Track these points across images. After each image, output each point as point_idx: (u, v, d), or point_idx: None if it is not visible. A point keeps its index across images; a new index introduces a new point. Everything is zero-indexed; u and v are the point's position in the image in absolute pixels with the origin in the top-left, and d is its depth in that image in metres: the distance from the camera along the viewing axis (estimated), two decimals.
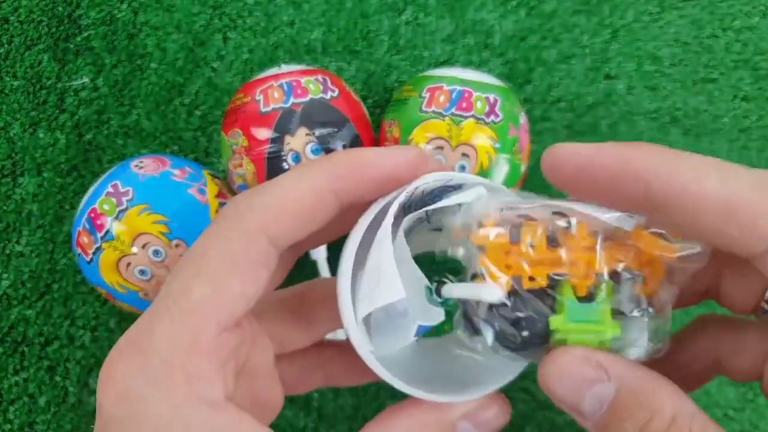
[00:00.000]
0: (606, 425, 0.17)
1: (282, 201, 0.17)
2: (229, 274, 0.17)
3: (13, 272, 0.40)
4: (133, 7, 0.44)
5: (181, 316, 0.16)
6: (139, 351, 0.16)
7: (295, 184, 0.18)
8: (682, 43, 0.43)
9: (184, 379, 0.16)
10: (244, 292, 0.17)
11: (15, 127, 0.43)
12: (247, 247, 0.17)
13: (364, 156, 0.18)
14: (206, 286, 0.17)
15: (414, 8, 0.43)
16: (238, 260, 0.17)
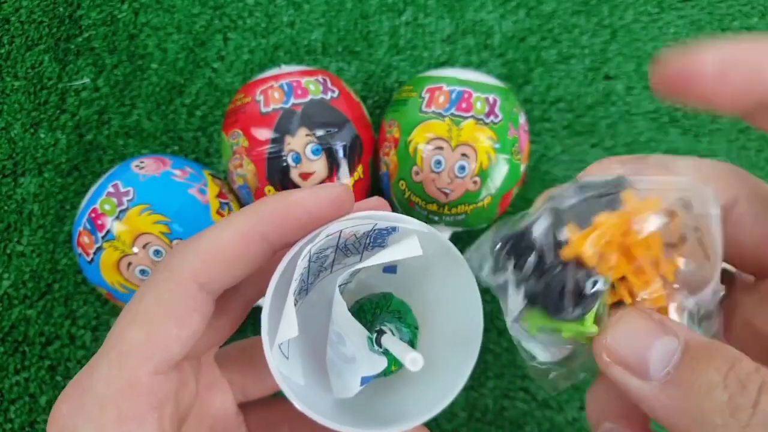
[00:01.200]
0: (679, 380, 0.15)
1: (210, 248, 0.18)
2: (162, 319, 0.18)
3: (14, 272, 0.41)
4: (134, 8, 0.44)
5: (117, 359, 0.17)
6: (79, 392, 0.17)
7: (222, 231, 0.18)
8: (681, 43, 0.43)
9: (117, 418, 0.17)
10: (178, 335, 0.18)
11: (16, 127, 0.43)
12: (179, 294, 0.18)
13: (288, 198, 0.19)
14: (140, 331, 0.18)
15: (414, 9, 0.43)
16: (171, 306, 0.18)
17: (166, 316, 0.18)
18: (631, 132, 0.41)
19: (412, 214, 0.36)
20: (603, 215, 0.16)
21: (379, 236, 0.20)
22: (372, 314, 0.21)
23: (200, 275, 0.18)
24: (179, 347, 0.18)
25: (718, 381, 0.15)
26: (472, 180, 0.33)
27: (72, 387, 0.18)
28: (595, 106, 0.42)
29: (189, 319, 0.18)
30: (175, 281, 0.18)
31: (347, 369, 0.18)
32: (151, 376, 0.17)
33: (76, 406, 0.17)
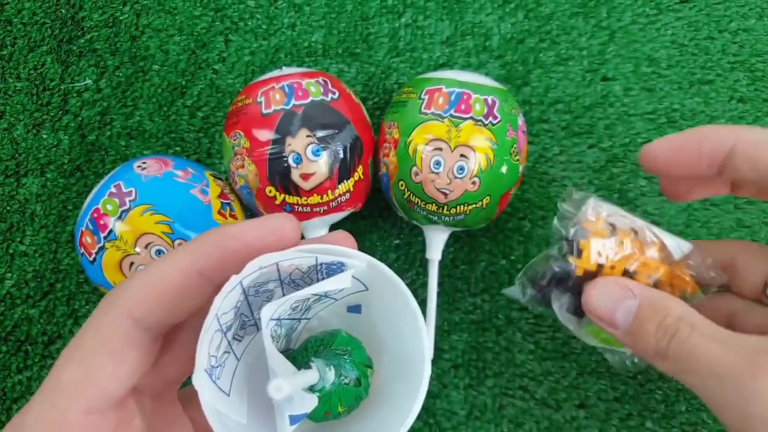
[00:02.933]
0: (634, 330, 0.23)
1: (146, 283, 0.18)
2: (98, 356, 0.17)
3: (16, 272, 0.41)
4: (136, 10, 0.44)
5: (50, 397, 0.17)
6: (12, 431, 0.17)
7: (159, 267, 0.18)
8: (678, 44, 0.43)
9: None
10: (114, 373, 0.17)
11: (18, 128, 0.43)
12: (114, 330, 0.18)
13: (225, 232, 0.18)
14: (76, 368, 0.17)
15: (413, 11, 0.44)
16: (107, 342, 0.17)
17: (102, 353, 0.17)
18: (629, 133, 0.42)
19: (411, 214, 0.36)
20: (582, 242, 0.26)
21: (330, 271, 0.19)
22: (315, 351, 0.20)
23: (136, 311, 0.18)
24: (116, 385, 0.17)
25: (652, 330, 0.23)
26: (471, 180, 0.34)
27: (7, 427, 0.17)
28: (593, 107, 0.42)
29: (125, 356, 0.18)
30: (113, 317, 0.18)
31: (285, 407, 0.18)
32: (83, 416, 0.17)
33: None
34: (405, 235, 0.41)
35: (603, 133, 0.42)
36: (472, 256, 0.40)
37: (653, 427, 0.37)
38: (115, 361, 0.17)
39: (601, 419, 0.38)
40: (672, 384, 0.38)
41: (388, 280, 0.19)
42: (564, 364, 0.38)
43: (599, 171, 0.41)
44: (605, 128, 0.42)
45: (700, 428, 0.37)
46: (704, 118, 0.42)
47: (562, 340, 0.39)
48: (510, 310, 0.39)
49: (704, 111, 0.42)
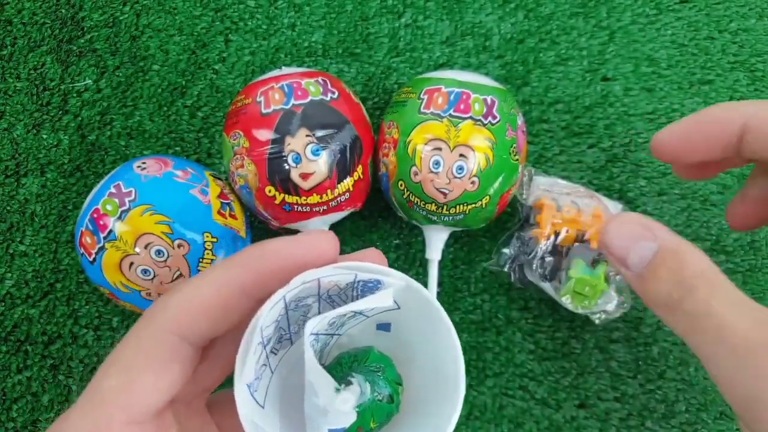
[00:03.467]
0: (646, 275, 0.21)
1: (189, 300, 0.18)
2: (140, 368, 0.18)
3: (16, 272, 0.41)
4: (136, 10, 0.44)
5: (91, 407, 0.17)
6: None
7: (201, 284, 0.18)
8: (678, 44, 0.43)
9: None
10: (156, 385, 0.18)
11: (18, 128, 0.43)
12: (158, 344, 0.18)
13: (265, 247, 0.19)
14: (117, 380, 0.17)
15: (413, 11, 0.44)
16: (150, 356, 0.18)
17: (145, 365, 0.18)
18: (629, 133, 0.42)
19: (411, 214, 0.36)
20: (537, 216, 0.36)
21: (366, 289, 0.19)
22: (349, 367, 0.20)
23: (180, 327, 0.18)
24: (156, 397, 0.18)
25: (666, 279, 0.20)
26: (471, 180, 0.34)
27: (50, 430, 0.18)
28: (593, 107, 0.42)
29: (168, 369, 0.18)
30: (155, 331, 0.18)
31: (323, 422, 0.18)
32: (124, 426, 0.17)
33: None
34: (405, 235, 0.41)
35: (603, 133, 0.42)
36: (472, 256, 0.40)
37: (653, 427, 0.37)
38: (157, 374, 0.18)
39: (601, 419, 0.38)
40: (672, 384, 0.38)
41: (422, 298, 0.19)
42: (564, 364, 0.38)
43: (599, 171, 0.41)
44: (605, 128, 0.42)
45: (699, 428, 0.37)
46: None
47: (561, 340, 0.39)
48: (510, 310, 0.39)
49: None
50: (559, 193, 0.37)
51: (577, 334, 0.39)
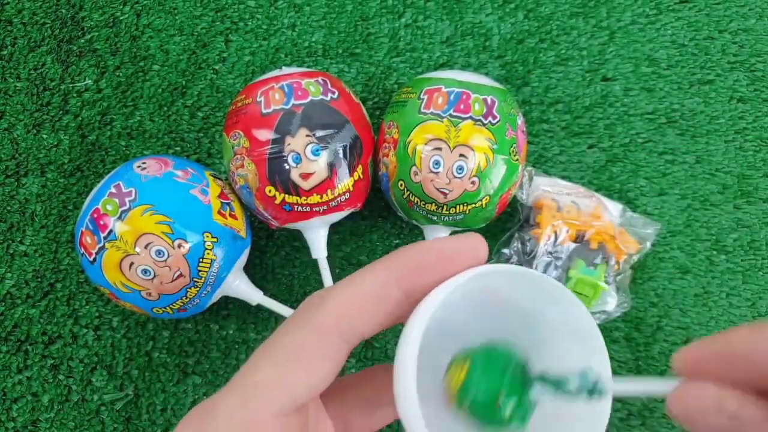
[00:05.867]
0: None
1: (349, 296, 0.18)
2: (295, 363, 0.18)
3: (16, 272, 0.41)
4: (136, 10, 0.44)
5: (243, 395, 0.17)
6: (201, 421, 0.17)
7: (361, 279, 0.19)
8: (678, 44, 0.43)
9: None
10: (308, 381, 0.18)
11: (19, 128, 0.43)
12: (314, 340, 0.18)
13: (423, 244, 0.19)
14: (272, 371, 0.18)
15: (413, 11, 0.44)
16: (306, 351, 0.18)
17: (300, 360, 0.18)
18: (629, 133, 0.42)
19: (411, 214, 0.36)
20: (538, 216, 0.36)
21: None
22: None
23: (339, 325, 0.18)
24: (306, 392, 0.18)
25: None
26: (471, 180, 0.34)
27: (196, 414, 0.18)
28: (593, 107, 0.42)
29: (321, 365, 0.18)
30: (314, 328, 0.18)
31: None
32: (274, 418, 0.17)
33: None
34: (405, 235, 0.41)
35: (603, 133, 0.42)
36: None
37: (654, 427, 0.37)
38: (311, 370, 0.18)
39: None
40: None
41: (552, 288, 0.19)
42: None
43: (599, 171, 0.41)
44: (605, 128, 0.42)
45: None
46: (704, 118, 0.42)
47: None
48: None
49: (704, 111, 0.42)
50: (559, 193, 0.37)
51: None
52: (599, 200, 0.37)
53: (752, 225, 0.40)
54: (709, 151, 0.42)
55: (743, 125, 0.42)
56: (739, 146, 0.42)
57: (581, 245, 0.35)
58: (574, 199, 0.37)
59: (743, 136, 0.42)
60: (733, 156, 0.42)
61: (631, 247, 0.37)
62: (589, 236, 0.35)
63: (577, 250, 0.35)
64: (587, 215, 0.36)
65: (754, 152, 0.42)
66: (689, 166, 0.42)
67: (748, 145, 0.42)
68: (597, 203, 0.37)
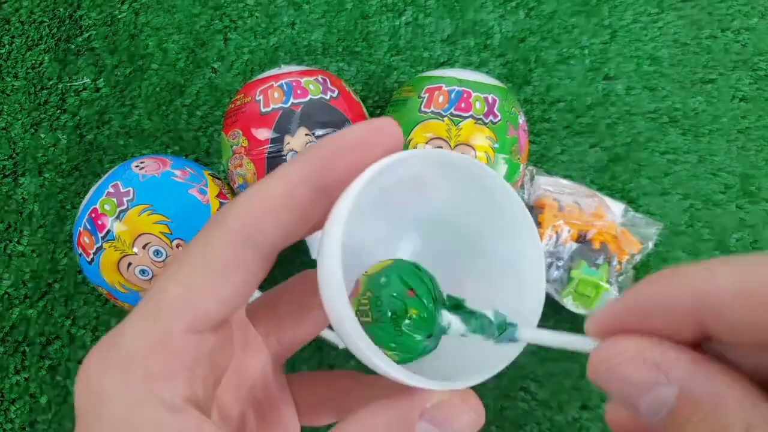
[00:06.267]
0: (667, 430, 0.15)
1: (257, 199, 0.17)
2: (204, 274, 0.17)
3: (14, 272, 0.41)
4: (134, 8, 0.44)
5: (151, 313, 0.16)
6: (109, 347, 0.16)
7: (268, 182, 0.17)
8: (681, 43, 0.43)
9: (143, 377, 0.16)
10: (219, 292, 0.17)
11: (16, 127, 0.43)
12: (222, 248, 0.17)
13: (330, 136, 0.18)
14: (179, 285, 0.16)
15: (414, 9, 0.43)
16: (214, 262, 0.17)
17: (208, 271, 0.17)
18: (631, 132, 0.41)
19: None
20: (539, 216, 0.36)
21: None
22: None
23: (245, 228, 0.17)
24: (218, 305, 0.17)
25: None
26: None
27: (104, 341, 0.17)
28: (595, 106, 0.42)
29: (230, 275, 0.17)
30: (219, 235, 0.17)
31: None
32: (184, 335, 0.16)
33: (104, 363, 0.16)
34: None
35: (605, 132, 0.41)
36: None
37: None
38: (220, 281, 0.17)
39: (604, 420, 0.37)
40: None
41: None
42: (566, 365, 0.38)
43: (601, 170, 0.41)
44: (607, 127, 0.41)
45: None
46: (706, 117, 0.42)
47: None
48: None
49: (706, 110, 0.42)
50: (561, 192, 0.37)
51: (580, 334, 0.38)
52: (601, 200, 0.37)
53: (755, 225, 0.40)
54: (711, 150, 0.42)
55: (746, 124, 0.42)
56: (742, 146, 0.42)
57: (583, 245, 0.35)
58: (575, 199, 0.36)
59: (746, 136, 0.42)
60: (736, 156, 0.42)
61: (633, 247, 0.37)
62: (591, 236, 0.35)
63: (579, 250, 0.35)
64: (589, 215, 0.36)
65: (756, 152, 0.42)
66: (691, 166, 0.41)
67: (750, 144, 0.42)
68: (599, 203, 0.37)
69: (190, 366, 0.16)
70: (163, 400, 0.16)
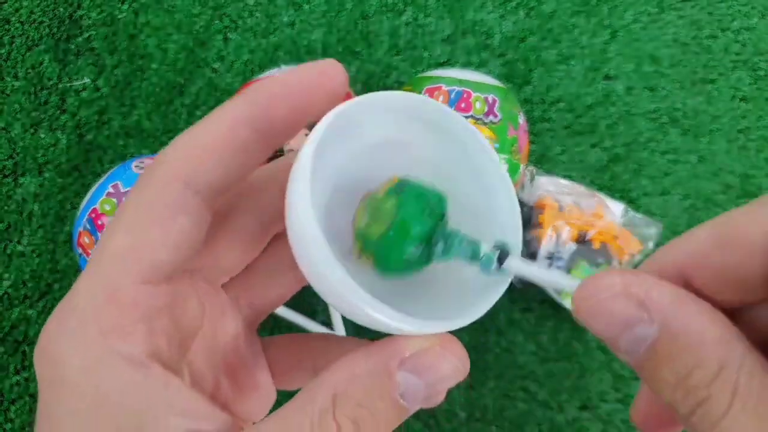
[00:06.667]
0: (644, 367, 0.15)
1: (193, 141, 0.16)
2: (147, 223, 0.16)
3: (14, 272, 0.41)
4: (134, 8, 0.44)
5: (99, 267, 0.16)
6: (63, 310, 0.16)
7: (206, 123, 0.17)
8: (681, 43, 0.43)
9: (98, 332, 0.15)
10: (165, 240, 0.16)
11: (16, 127, 0.43)
12: (162, 194, 0.16)
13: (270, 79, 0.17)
14: (124, 238, 0.16)
15: (414, 9, 0.43)
16: (155, 208, 0.16)
17: (151, 219, 0.16)
18: (631, 132, 0.41)
19: None
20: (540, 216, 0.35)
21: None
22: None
23: (182, 171, 0.16)
24: (167, 253, 0.16)
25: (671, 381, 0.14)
26: None
27: (59, 306, 0.16)
28: (595, 106, 0.42)
29: (175, 221, 0.16)
30: (157, 180, 0.16)
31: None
32: (136, 286, 0.15)
33: (60, 326, 0.15)
34: None
35: (605, 132, 0.41)
36: None
37: None
38: (164, 228, 0.16)
39: (603, 420, 0.37)
40: None
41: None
42: (566, 365, 0.38)
43: (601, 170, 0.41)
44: (607, 127, 0.41)
45: None
46: (706, 117, 0.42)
47: (563, 341, 0.38)
48: (511, 311, 0.39)
49: (706, 110, 0.42)
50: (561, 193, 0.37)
51: (579, 335, 0.38)
52: (601, 200, 0.37)
53: None
54: (711, 150, 0.42)
55: (746, 124, 0.42)
56: (742, 145, 0.42)
57: (583, 246, 0.35)
58: (576, 199, 0.36)
59: (746, 136, 0.42)
60: (736, 155, 0.42)
61: (633, 248, 0.36)
62: (591, 236, 0.35)
63: (579, 250, 0.35)
64: (589, 215, 0.36)
65: (756, 151, 0.42)
66: (692, 166, 0.41)
67: (751, 144, 0.42)
68: (599, 203, 0.37)
69: (146, 318, 0.16)
70: (124, 355, 0.15)
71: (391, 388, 0.15)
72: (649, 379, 0.15)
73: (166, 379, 0.15)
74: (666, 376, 0.14)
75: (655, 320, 0.14)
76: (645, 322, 0.14)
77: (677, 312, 0.14)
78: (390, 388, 0.15)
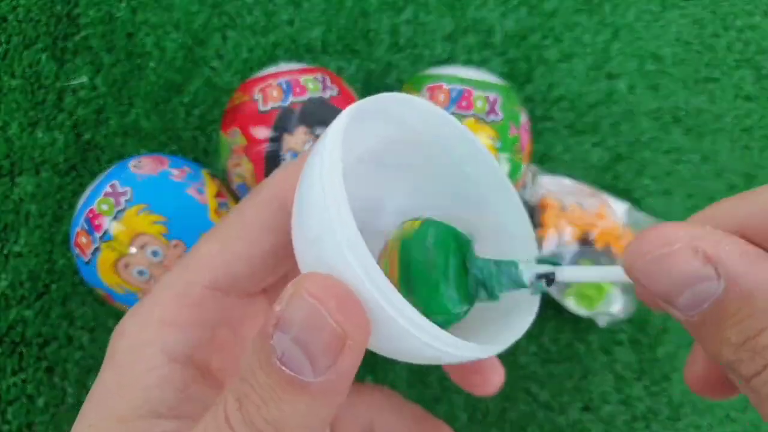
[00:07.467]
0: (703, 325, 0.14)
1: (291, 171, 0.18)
2: (236, 236, 0.18)
3: (11, 272, 0.40)
4: (132, 6, 0.44)
5: (180, 268, 0.18)
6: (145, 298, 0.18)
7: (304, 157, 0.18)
8: (683, 42, 0.43)
9: (158, 321, 0.17)
10: (248, 252, 0.18)
11: (13, 126, 0.42)
12: (257, 214, 0.18)
13: None
14: (213, 245, 0.18)
15: (414, 6, 0.43)
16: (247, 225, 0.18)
17: (241, 233, 0.18)
18: (634, 131, 0.41)
19: None
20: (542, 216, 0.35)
21: None
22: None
23: (280, 196, 0.18)
24: (245, 266, 0.18)
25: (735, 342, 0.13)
26: None
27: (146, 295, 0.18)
28: (597, 105, 0.42)
29: (261, 237, 0.18)
30: (257, 201, 0.18)
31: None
32: (205, 289, 0.17)
33: (136, 309, 0.18)
34: None
35: (607, 131, 0.41)
36: None
37: (658, 430, 0.37)
38: (251, 243, 0.17)
39: (606, 422, 0.37)
40: (677, 386, 0.37)
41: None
42: (568, 366, 0.38)
43: (604, 170, 0.41)
44: (610, 126, 0.41)
45: (705, 431, 0.37)
46: (709, 116, 0.42)
47: (565, 341, 0.38)
48: None
49: (709, 109, 0.42)
50: (564, 192, 0.36)
51: (581, 336, 0.38)
52: (604, 200, 0.37)
53: None
54: (715, 149, 0.41)
55: (749, 123, 0.42)
56: (746, 145, 0.42)
57: (586, 246, 0.35)
58: (578, 199, 0.36)
59: (749, 135, 0.42)
60: (740, 155, 0.41)
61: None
62: (594, 237, 0.35)
63: (582, 251, 0.35)
64: (592, 215, 0.35)
65: (760, 151, 0.42)
66: (695, 165, 0.41)
67: (754, 143, 0.42)
68: (601, 203, 0.36)
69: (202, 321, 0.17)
70: (166, 346, 0.17)
71: (269, 354, 0.13)
72: (707, 339, 0.14)
73: (188, 378, 0.17)
74: (729, 335, 0.13)
75: (724, 277, 0.13)
76: (712, 279, 0.13)
77: (749, 269, 0.13)
78: (268, 354, 0.13)
